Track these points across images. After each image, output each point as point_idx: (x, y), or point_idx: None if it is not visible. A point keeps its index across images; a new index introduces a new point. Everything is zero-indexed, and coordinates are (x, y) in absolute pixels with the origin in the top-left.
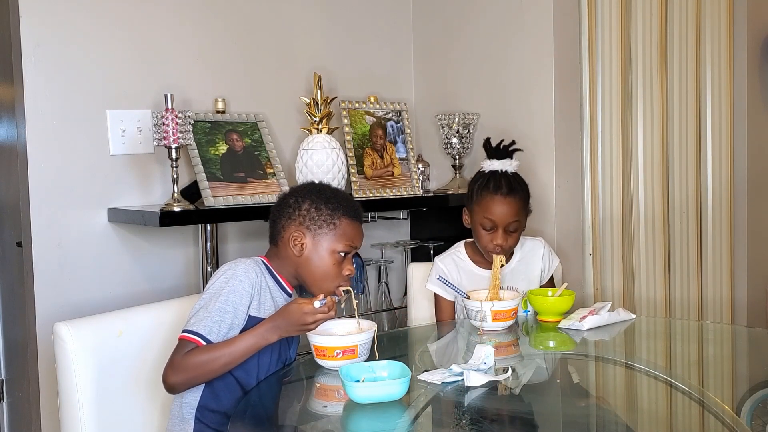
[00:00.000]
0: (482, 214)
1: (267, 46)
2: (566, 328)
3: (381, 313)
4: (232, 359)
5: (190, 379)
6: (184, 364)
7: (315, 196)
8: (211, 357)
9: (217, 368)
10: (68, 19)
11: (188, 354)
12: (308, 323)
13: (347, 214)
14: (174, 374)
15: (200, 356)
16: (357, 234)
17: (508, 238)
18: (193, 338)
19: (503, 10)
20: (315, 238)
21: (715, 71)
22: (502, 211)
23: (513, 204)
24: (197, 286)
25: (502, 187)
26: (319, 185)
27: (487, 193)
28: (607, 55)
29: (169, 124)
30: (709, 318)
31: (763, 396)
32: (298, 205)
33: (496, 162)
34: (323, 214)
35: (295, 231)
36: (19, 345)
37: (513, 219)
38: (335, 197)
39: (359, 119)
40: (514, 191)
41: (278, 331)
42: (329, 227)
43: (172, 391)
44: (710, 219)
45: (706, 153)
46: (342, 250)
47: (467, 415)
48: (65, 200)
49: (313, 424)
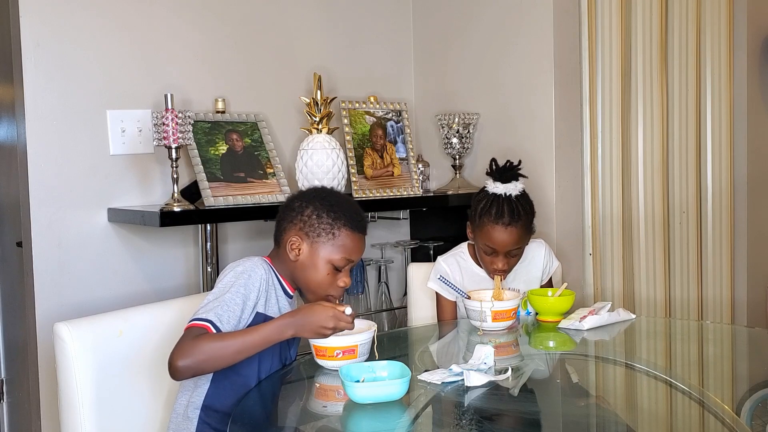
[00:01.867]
0: (483, 240)
1: (267, 46)
2: (566, 328)
3: (381, 313)
4: (245, 348)
5: (199, 363)
6: (194, 348)
7: (319, 203)
8: (223, 344)
9: (228, 356)
10: (68, 19)
11: (199, 338)
12: (329, 327)
13: (348, 225)
14: (182, 358)
15: (212, 342)
16: (356, 247)
17: (508, 261)
18: (204, 324)
19: (503, 10)
20: (312, 246)
21: (715, 71)
22: (503, 239)
23: (514, 233)
24: (197, 286)
25: (504, 216)
26: (327, 191)
27: (489, 221)
28: (607, 55)
29: (169, 124)
30: (709, 318)
31: (763, 396)
32: (302, 209)
33: (501, 186)
34: (324, 222)
35: (294, 235)
36: (19, 345)
37: (514, 247)
38: (339, 206)
39: (359, 119)
40: (516, 220)
41: (295, 328)
42: (328, 236)
43: (178, 376)
44: (710, 219)
45: (706, 153)
46: (337, 262)
47: (467, 415)
48: (65, 200)
49: (313, 424)
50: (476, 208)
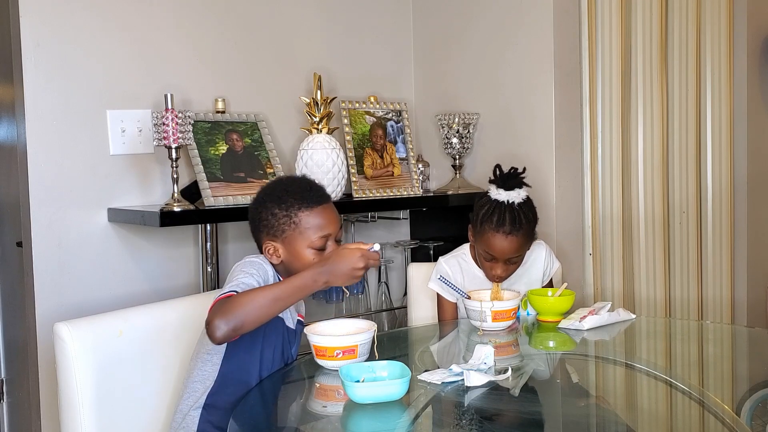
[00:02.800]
0: (483, 246)
1: (267, 46)
2: (566, 328)
3: (381, 313)
4: (281, 296)
5: (240, 316)
6: (231, 305)
7: (269, 201)
8: (258, 293)
9: (266, 304)
10: (68, 19)
11: (233, 297)
12: (360, 267)
13: (302, 206)
14: (222, 317)
15: (247, 294)
16: (324, 219)
17: (507, 268)
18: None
19: (503, 11)
20: (285, 243)
21: (715, 71)
22: (503, 248)
23: (515, 242)
24: (197, 286)
25: (505, 225)
26: (272, 185)
27: (490, 228)
28: (607, 55)
29: (169, 124)
30: (709, 318)
31: (763, 396)
32: (259, 215)
33: (504, 193)
34: (280, 217)
35: (266, 242)
36: (19, 345)
37: (514, 255)
38: (287, 193)
39: (359, 119)
40: (518, 229)
41: (327, 276)
42: (291, 228)
43: (218, 334)
44: (710, 219)
45: (706, 153)
46: (315, 243)
47: (467, 415)
48: (65, 200)
49: (313, 424)
50: (478, 213)
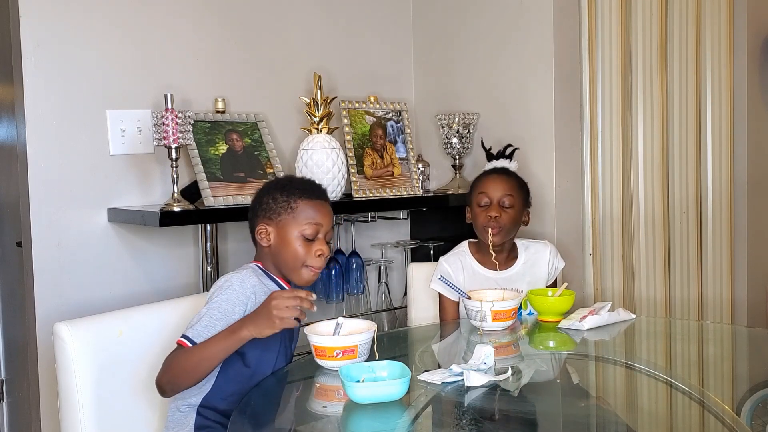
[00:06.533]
0: (477, 192)
1: (267, 46)
2: (566, 328)
3: (381, 313)
4: (207, 356)
5: (171, 378)
6: (166, 363)
7: (272, 189)
8: (186, 355)
9: (191, 367)
10: (68, 19)
11: (171, 354)
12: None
13: (303, 195)
14: (159, 375)
15: (179, 355)
16: (319, 212)
17: (502, 212)
18: (182, 341)
19: (503, 11)
20: (278, 227)
21: (715, 71)
22: (496, 185)
23: (507, 181)
24: (197, 286)
25: (497, 169)
26: (276, 179)
27: (483, 175)
28: (607, 55)
29: (169, 124)
30: (709, 318)
31: (763, 396)
32: (260, 200)
33: (496, 161)
34: (279, 201)
35: (260, 225)
36: (19, 345)
37: (507, 193)
38: (292, 183)
39: (359, 119)
40: (510, 174)
41: (247, 323)
42: (287, 212)
43: (162, 392)
44: (710, 219)
45: (706, 153)
46: (305, 231)
47: (467, 415)
48: (65, 200)
49: (313, 424)
50: (472, 183)
